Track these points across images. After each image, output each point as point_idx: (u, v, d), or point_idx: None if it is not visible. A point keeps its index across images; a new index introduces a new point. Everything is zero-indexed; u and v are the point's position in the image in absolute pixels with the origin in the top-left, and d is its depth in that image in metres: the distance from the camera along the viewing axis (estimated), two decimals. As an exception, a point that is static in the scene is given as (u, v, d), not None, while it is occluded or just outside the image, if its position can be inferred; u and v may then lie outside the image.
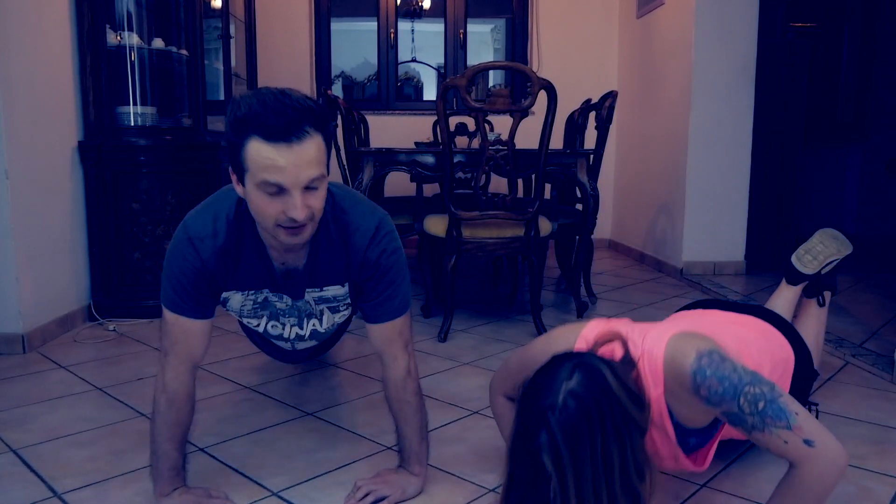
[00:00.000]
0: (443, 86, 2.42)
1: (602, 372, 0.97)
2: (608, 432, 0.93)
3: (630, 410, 0.96)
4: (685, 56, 3.79)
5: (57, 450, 1.60)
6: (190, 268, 1.26)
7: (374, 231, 1.32)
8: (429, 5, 5.23)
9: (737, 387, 1.07)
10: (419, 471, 1.41)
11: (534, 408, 0.96)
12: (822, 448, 1.05)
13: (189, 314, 1.29)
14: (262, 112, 1.07)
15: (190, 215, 1.31)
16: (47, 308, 2.55)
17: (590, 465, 0.92)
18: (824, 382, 2.09)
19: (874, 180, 5.34)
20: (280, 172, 1.09)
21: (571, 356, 1.01)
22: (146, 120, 2.94)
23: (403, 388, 1.39)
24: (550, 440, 0.92)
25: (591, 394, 0.94)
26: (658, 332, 1.18)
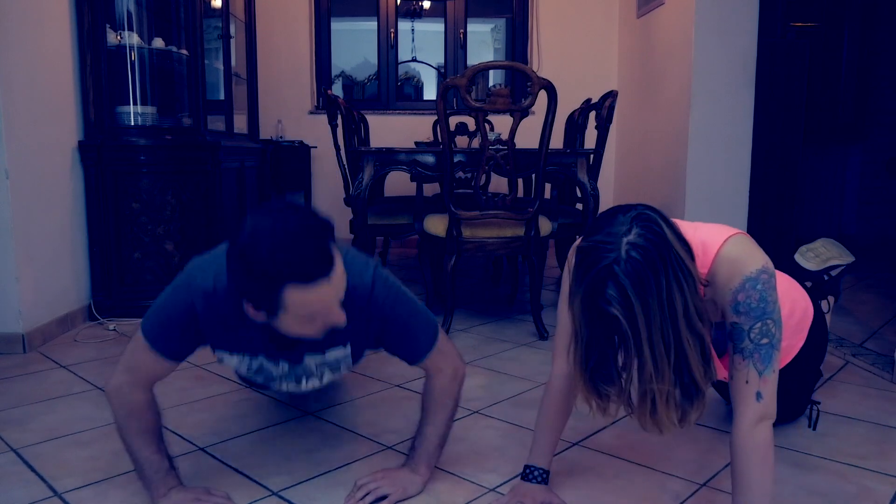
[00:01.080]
0: (443, 85, 2.42)
1: (659, 222, 1.02)
2: (670, 278, 0.99)
3: (685, 260, 1.02)
4: (685, 56, 3.79)
5: (57, 449, 1.60)
6: (183, 311, 1.24)
7: (371, 287, 1.28)
8: (429, 5, 5.23)
9: (765, 313, 1.13)
10: (425, 472, 1.41)
11: (598, 265, 1.00)
12: (763, 407, 1.13)
13: (163, 352, 1.27)
14: (291, 258, 1.05)
15: (195, 262, 1.28)
16: (47, 308, 2.55)
17: (658, 310, 0.99)
18: (824, 382, 2.09)
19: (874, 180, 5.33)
20: (328, 306, 1.12)
21: (625, 208, 1.05)
22: (146, 120, 2.94)
23: (447, 391, 1.40)
24: (619, 291, 0.98)
25: (651, 243, 0.99)
26: (718, 226, 1.22)
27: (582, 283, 1.03)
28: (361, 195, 2.76)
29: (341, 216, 4.71)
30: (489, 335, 2.64)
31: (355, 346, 1.39)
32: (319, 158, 4.83)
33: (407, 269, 4.15)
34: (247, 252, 1.07)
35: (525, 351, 2.42)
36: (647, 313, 0.98)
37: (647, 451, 1.60)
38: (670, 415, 1.07)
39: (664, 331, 1.00)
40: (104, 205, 2.81)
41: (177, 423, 1.72)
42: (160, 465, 1.31)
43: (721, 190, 3.80)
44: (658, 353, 1.01)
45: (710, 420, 1.78)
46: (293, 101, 4.90)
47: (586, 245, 1.03)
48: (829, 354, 2.37)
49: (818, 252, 1.86)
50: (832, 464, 1.53)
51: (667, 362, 1.02)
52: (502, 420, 1.79)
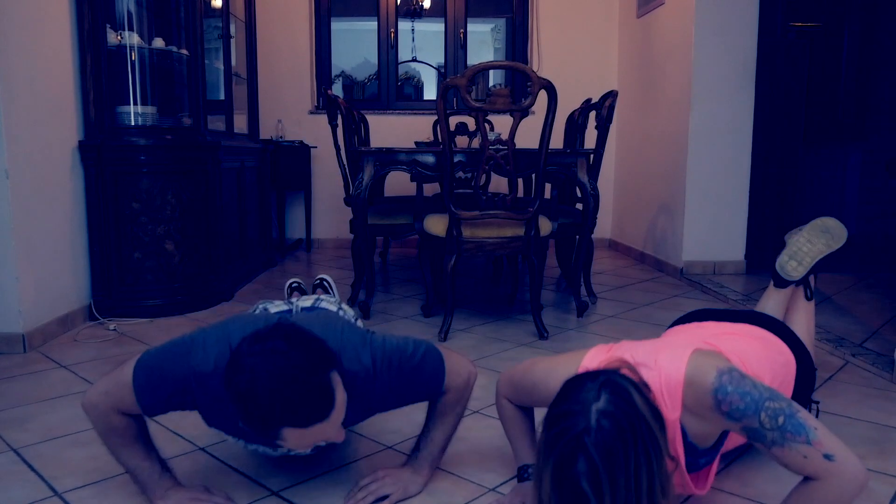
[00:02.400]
0: (443, 85, 2.42)
1: (628, 389, 0.97)
2: (639, 451, 0.94)
3: (655, 430, 0.97)
4: (685, 56, 3.79)
5: (57, 449, 1.61)
6: (176, 385, 1.22)
7: (372, 369, 1.27)
8: (429, 5, 5.23)
9: (758, 402, 1.08)
10: (427, 473, 1.41)
11: (567, 435, 0.95)
12: (842, 463, 1.06)
13: (144, 404, 1.24)
14: (288, 408, 1.03)
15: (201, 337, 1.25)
16: (47, 307, 2.55)
17: (623, 487, 0.93)
18: (824, 382, 2.09)
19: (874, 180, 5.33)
20: (324, 436, 1.11)
21: (592, 375, 1.00)
22: (146, 119, 2.94)
23: (460, 398, 1.40)
24: (589, 465, 0.93)
25: (622, 412, 0.95)
26: (672, 352, 1.18)
27: (551, 455, 0.98)
28: (361, 195, 2.76)
29: (341, 216, 4.72)
30: (489, 335, 2.64)
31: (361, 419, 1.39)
32: (319, 158, 4.83)
33: (407, 269, 4.15)
34: (245, 398, 1.05)
35: (525, 351, 2.42)
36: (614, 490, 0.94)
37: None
38: None
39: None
40: (104, 204, 2.81)
41: (177, 424, 1.72)
42: (152, 469, 1.31)
43: (721, 190, 3.80)
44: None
45: (709, 420, 1.78)
46: (293, 101, 4.91)
47: (555, 412, 0.99)
48: (829, 354, 2.37)
49: (802, 255, 1.79)
50: (832, 464, 1.53)
51: None
52: (502, 420, 1.79)
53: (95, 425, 1.28)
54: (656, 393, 1.13)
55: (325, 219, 4.98)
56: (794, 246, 1.81)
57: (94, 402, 1.26)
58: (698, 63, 3.71)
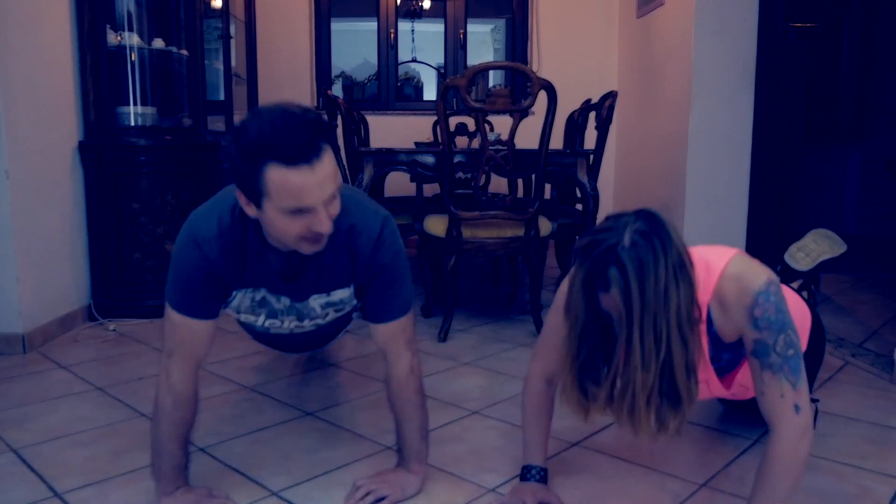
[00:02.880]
0: (443, 86, 2.42)
1: (664, 221, 1.04)
2: (669, 272, 1.00)
3: (685, 259, 1.03)
4: (685, 56, 3.79)
5: (57, 450, 1.61)
6: (197, 268, 1.25)
7: (378, 233, 1.31)
8: (429, 5, 5.22)
9: (785, 324, 1.12)
10: (418, 469, 1.41)
11: (600, 248, 1.01)
12: (803, 417, 1.11)
13: (196, 315, 1.29)
14: (276, 136, 1.06)
15: (194, 216, 1.30)
16: (47, 308, 2.55)
17: (653, 299, 0.99)
18: (824, 382, 2.09)
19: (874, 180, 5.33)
20: (307, 195, 1.09)
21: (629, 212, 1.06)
22: (146, 120, 2.94)
23: (406, 386, 1.39)
24: (621, 272, 0.99)
25: (656, 235, 1.01)
26: (715, 248, 1.22)
27: (583, 266, 1.04)
28: (361, 195, 2.76)
29: (341, 216, 4.71)
30: (489, 335, 2.64)
31: (357, 287, 1.40)
32: (319, 158, 4.83)
33: (407, 270, 4.15)
34: (240, 129, 1.10)
35: (525, 351, 2.42)
36: (643, 299, 0.99)
37: (646, 451, 1.60)
38: (648, 416, 1.06)
39: (657, 321, 1.00)
40: (104, 205, 2.81)
41: (177, 424, 1.72)
42: (179, 461, 1.32)
43: (721, 190, 3.80)
44: (647, 343, 1.01)
45: (709, 420, 1.78)
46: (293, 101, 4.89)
47: (590, 236, 1.05)
48: (829, 354, 2.37)
49: (809, 250, 1.85)
50: (832, 464, 1.53)
51: (654, 356, 1.02)
52: (502, 420, 1.79)
53: (162, 402, 1.31)
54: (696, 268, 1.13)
55: (325, 219, 4.97)
56: (801, 242, 1.88)
57: (165, 371, 1.31)
58: (698, 63, 3.71)
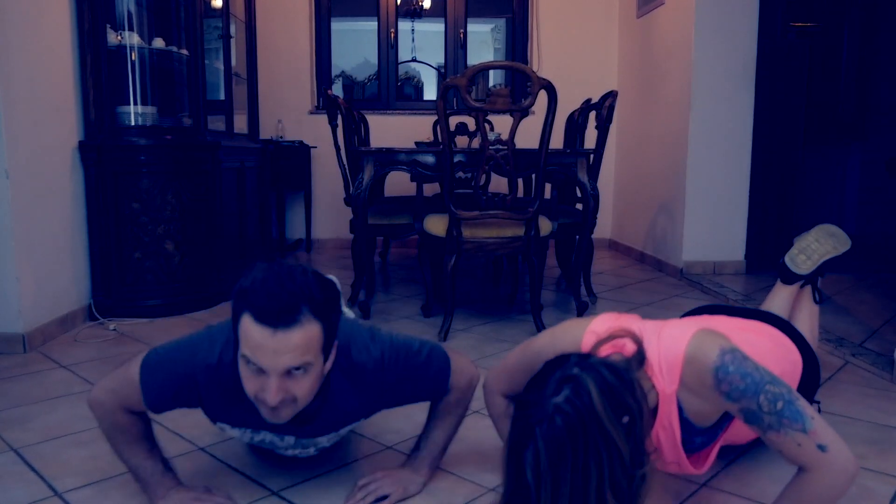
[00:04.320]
0: (443, 85, 2.42)
1: (588, 389, 0.95)
2: (589, 451, 0.93)
3: (612, 433, 0.95)
4: (685, 56, 3.79)
5: (57, 449, 1.61)
6: (182, 381, 1.23)
7: (381, 359, 1.28)
8: (429, 5, 5.22)
9: (758, 384, 1.08)
10: (427, 473, 1.41)
11: (523, 422, 0.96)
12: (834, 454, 1.06)
13: (150, 405, 1.25)
14: (258, 291, 1.07)
15: (206, 334, 1.27)
16: (47, 308, 2.55)
17: (569, 481, 0.93)
18: (824, 382, 2.09)
19: (874, 180, 5.33)
20: (258, 353, 1.07)
21: (563, 364, 0.99)
22: (146, 120, 2.94)
23: (463, 400, 1.40)
24: (535, 454, 0.93)
25: (576, 411, 0.93)
26: (676, 329, 1.18)
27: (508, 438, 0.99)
28: (361, 195, 2.76)
29: (341, 216, 4.72)
30: (489, 335, 2.64)
31: (369, 414, 1.39)
32: (319, 158, 4.83)
33: (407, 269, 4.15)
34: (243, 274, 1.11)
35: (525, 351, 2.42)
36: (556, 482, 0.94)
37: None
38: None
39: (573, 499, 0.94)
40: (104, 205, 2.81)
41: (177, 424, 1.72)
42: (154, 468, 1.31)
43: (721, 190, 3.80)
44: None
45: (709, 420, 1.78)
46: (293, 101, 4.91)
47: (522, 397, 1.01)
48: (829, 354, 2.37)
49: (811, 251, 1.82)
50: (832, 464, 1.53)
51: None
52: (502, 420, 1.79)
53: (100, 423, 1.29)
54: (654, 366, 1.13)
55: (325, 219, 4.98)
56: (802, 242, 1.85)
57: (100, 399, 1.27)
58: (698, 63, 3.71)
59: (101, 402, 1.27)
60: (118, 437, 1.29)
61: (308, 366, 1.11)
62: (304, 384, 1.12)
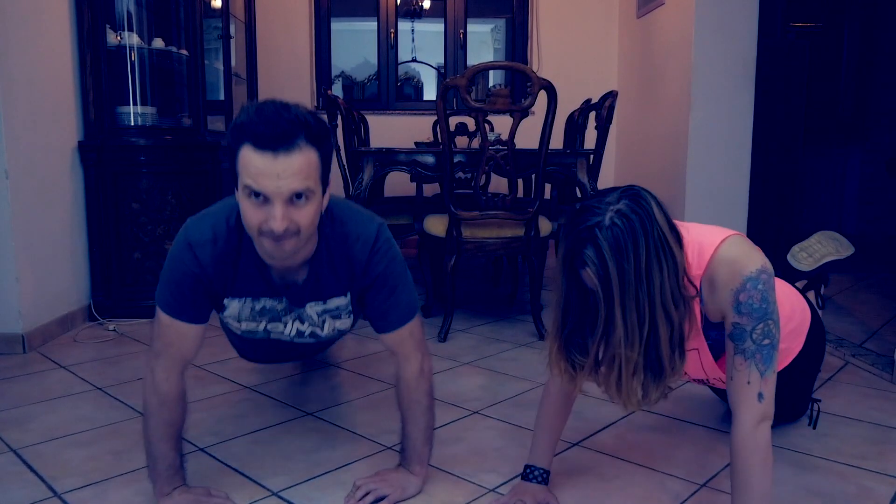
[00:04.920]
0: (443, 86, 2.42)
1: (648, 200, 1.04)
2: (650, 253, 0.99)
3: (669, 240, 1.03)
4: (685, 56, 3.79)
5: (57, 450, 1.60)
6: (189, 273, 1.26)
7: (373, 240, 1.31)
8: (429, 5, 5.22)
9: (766, 314, 1.12)
10: (420, 471, 1.41)
11: (581, 226, 1.02)
12: (764, 406, 1.13)
13: (185, 318, 1.29)
14: (255, 120, 1.09)
15: (191, 220, 1.30)
16: (47, 308, 2.55)
17: (634, 280, 0.99)
18: (824, 382, 2.09)
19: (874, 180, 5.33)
20: (262, 180, 1.09)
21: (620, 187, 1.06)
22: (146, 120, 2.94)
23: (416, 387, 1.39)
24: (597, 254, 0.99)
25: (636, 216, 1.00)
26: (713, 227, 1.22)
27: (564, 243, 1.05)
28: (361, 195, 2.76)
29: (341, 216, 4.71)
30: (489, 335, 2.64)
31: (353, 295, 1.39)
32: (319, 158, 4.82)
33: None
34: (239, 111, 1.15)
35: (525, 351, 2.42)
36: (621, 279, 0.99)
37: (647, 451, 1.60)
38: (634, 387, 1.07)
39: (638, 300, 1.01)
40: (104, 205, 2.81)
41: (177, 424, 1.72)
42: (173, 461, 1.32)
43: (721, 190, 3.80)
44: (629, 321, 1.02)
45: (709, 420, 1.78)
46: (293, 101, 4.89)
47: (577, 208, 1.06)
48: (829, 354, 2.37)
49: (812, 251, 1.83)
50: (832, 464, 1.53)
51: (637, 332, 1.03)
52: (502, 420, 1.79)
53: (149, 402, 1.31)
54: (687, 249, 1.14)
55: (325, 219, 4.97)
56: (805, 243, 1.88)
57: (150, 371, 1.31)
58: (698, 63, 3.71)
59: (152, 372, 1.31)
60: (163, 414, 1.30)
61: (310, 192, 1.13)
62: (307, 212, 1.15)
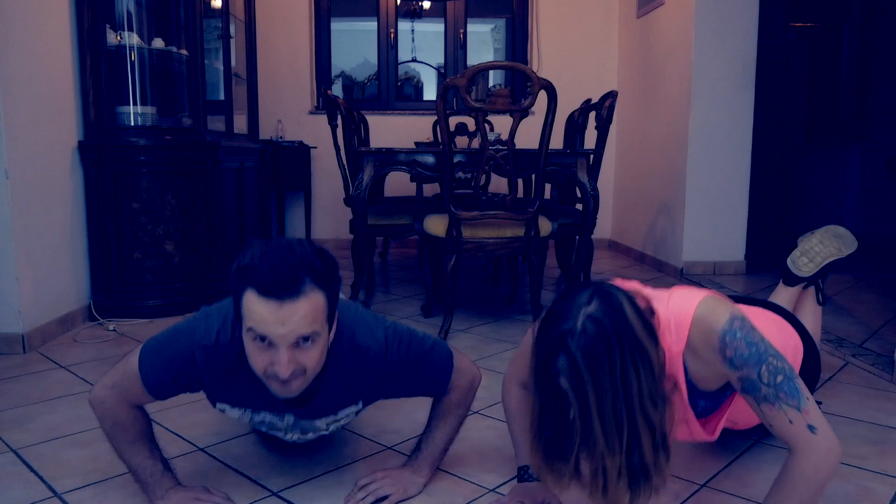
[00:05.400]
0: (443, 86, 2.42)
1: (619, 299, 0.99)
2: (625, 358, 0.95)
3: (643, 340, 0.98)
4: (685, 56, 3.79)
5: (57, 450, 1.60)
6: (180, 363, 1.23)
7: (384, 344, 1.28)
8: (429, 5, 5.22)
9: (762, 355, 1.09)
10: (427, 474, 1.41)
11: (552, 333, 0.98)
12: (822, 436, 1.07)
13: (152, 393, 1.26)
14: (259, 266, 1.07)
15: (203, 314, 1.27)
16: (47, 308, 2.55)
17: (609, 387, 0.95)
18: (824, 382, 2.09)
19: (874, 180, 5.33)
20: (267, 327, 1.08)
21: (589, 284, 1.03)
22: (146, 120, 2.94)
23: (464, 401, 1.40)
24: (570, 363, 0.95)
25: (609, 319, 0.96)
26: (685, 292, 1.20)
27: (536, 350, 1.01)
28: (361, 195, 2.76)
29: (341, 216, 4.72)
30: (489, 335, 2.64)
31: (368, 401, 1.38)
32: (319, 158, 4.83)
33: (407, 269, 4.15)
34: (239, 255, 1.11)
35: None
36: (597, 388, 0.95)
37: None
38: (621, 493, 1.02)
39: (616, 408, 0.96)
40: (104, 205, 2.81)
41: (177, 424, 1.72)
42: (154, 468, 1.31)
43: (721, 190, 3.80)
44: (608, 429, 0.97)
45: (710, 420, 1.78)
46: (293, 101, 4.91)
47: (548, 312, 1.02)
48: (830, 354, 2.37)
49: (814, 254, 1.81)
50: (832, 464, 1.53)
51: (617, 440, 0.98)
52: (502, 420, 1.79)
53: (102, 422, 1.28)
54: (663, 324, 1.13)
55: (325, 219, 4.98)
56: (806, 245, 1.84)
57: (101, 396, 1.27)
58: (698, 63, 3.71)
59: (102, 399, 1.27)
60: (120, 435, 1.29)
61: (316, 335, 1.12)
62: (313, 354, 1.13)
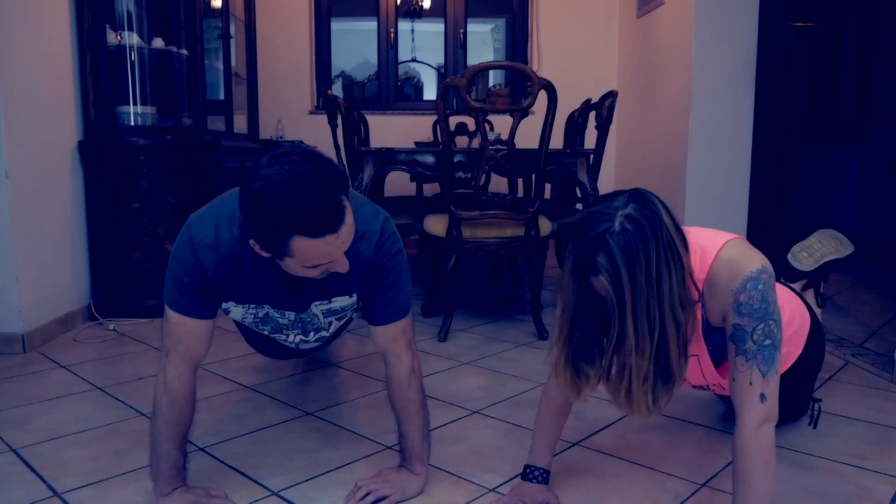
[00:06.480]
0: (443, 86, 2.42)
1: (655, 203, 1.04)
2: (661, 257, 1.00)
3: (677, 243, 1.03)
4: (685, 56, 3.79)
5: (57, 449, 1.60)
6: (192, 271, 1.26)
7: (379, 234, 1.32)
8: (429, 5, 5.22)
9: (767, 314, 1.13)
10: (420, 470, 1.41)
11: (591, 233, 1.02)
12: (767, 408, 1.12)
13: (192, 314, 1.29)
14: (302, 212, 1.05)
15: (195, 217, 1.30)
16: (47, 308, 2.55)
17: (645, 285, 0.99)
18: (824, 382, 2.09)
19: (874, 180, 5.33)
20: (331, 255, 1.13)
21: (626, 190, 1.07)
22: (146, 120, 2.94)
23: (407, 386, 1.39)
24: (609, 260, 0.99)
25: (646, 220, 1.01)
26: (713, 232, 1.22)
27: (573, 251, 1.04)
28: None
29: (341, 216, 4.71)
30: (489, 335, 2.64)
31: (358, 293, 1.40)
32: (319, 158, 4.82)
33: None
34: (259, 201, 1.06)
35: (525, 351, 2.42)
36: (633, 285, 0.99)
37: (647, 451, 1.60)
38: (644, 394, 1.07)
39: (649, 306, 1.01)
40: (104, 205, 2.81)
41: (177, 423, 1.72)
42: (177, 461, 1.32)
43: (721, 190, 3.80)
44: (641, 328, 1.02)
45: (709, 420, 1.78)
46: (293, 101, 4.90)
47: (583, 215, 1.05)
48: (829, 354, 2.37)
49: (813, 250, 1.83)
50: (832, 464, 1.53)
51: (648, 339, 1.03)
52: (502, 420, 1.79)
53: (159, 401, 1.31)
54: (692, 251, 1.15)
55: (325, 219, 4.97)
56: (805, 242, 1.88)
57: (163, 369, 1.32)
58: (698, 63, 3.71)
59: (164, 370, 1.31)
60: (172, 413, 1.30)
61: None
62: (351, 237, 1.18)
